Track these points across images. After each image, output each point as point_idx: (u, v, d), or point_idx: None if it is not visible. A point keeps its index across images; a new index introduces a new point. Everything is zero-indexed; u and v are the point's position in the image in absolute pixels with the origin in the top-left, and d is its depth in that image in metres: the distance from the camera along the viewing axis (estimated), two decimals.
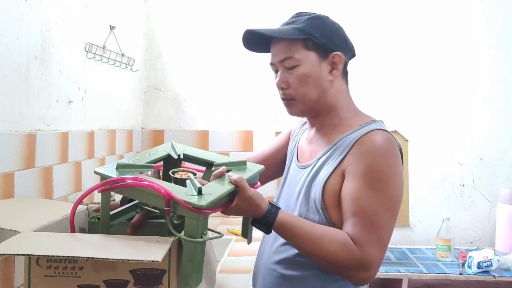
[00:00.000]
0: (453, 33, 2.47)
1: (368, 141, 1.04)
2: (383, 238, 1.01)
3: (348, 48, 1.15)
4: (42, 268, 0.91)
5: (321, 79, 1.11)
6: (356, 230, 0.99)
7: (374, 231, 0.99)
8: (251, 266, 1.60)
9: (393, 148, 1.04)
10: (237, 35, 2.51)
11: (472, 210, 2.47)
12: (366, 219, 0.99)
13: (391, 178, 1.02)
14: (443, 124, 2.48)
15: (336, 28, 1.14)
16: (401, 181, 1.05)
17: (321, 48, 1.10)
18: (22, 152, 1.33)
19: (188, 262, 0.93)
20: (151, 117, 2.53)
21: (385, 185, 1.01)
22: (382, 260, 1.02)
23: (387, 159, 1.02)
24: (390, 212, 1.02)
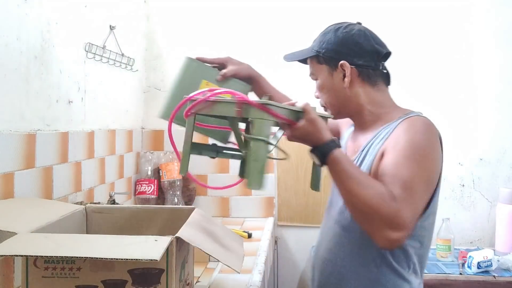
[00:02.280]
0: (453, 33, 2.47)
1: (409, 122, 1.11)
2: (417, 205, 1.02)
3: (362, 52, 1.19)
4: (39, 269, 0.91)
5: (336, 87, 1.21)
6: (394, 188, 0.99)
7: (411, 195, 1.00)
8: (251, 266, 1.60)
9: (434, 130, 1.10)
10: (237, 35, 2.53)
11: (472, 210, 2.47)
12: (403, 183, 1.00)
13: (429, 153, 1.06)
14: (443, 124, 2.47)
15: (343, 38, 1.20)
16: (439, 159, 1.09)
17: (329, 61, 1.21)
18: (22, 152, 1.33)
19: (253, 161, 0.99)
20: (151, 117, 2.53)
21: (423, 158, 1.04)
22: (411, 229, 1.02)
23: (427, 136, 1.07)
24: (426, 184, 1.04)
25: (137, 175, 2.42)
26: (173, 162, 2.39)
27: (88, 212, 1.32)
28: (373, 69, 1.21)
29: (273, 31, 2.50)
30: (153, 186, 2.35)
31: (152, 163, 2.42)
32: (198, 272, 1.51)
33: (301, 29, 2.40)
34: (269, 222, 2.31)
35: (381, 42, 1.23)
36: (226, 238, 1.23)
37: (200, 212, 1.29)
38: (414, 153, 1.04)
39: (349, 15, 2.32)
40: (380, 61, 1.22)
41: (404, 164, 1.02)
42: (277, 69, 2.07)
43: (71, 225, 1.22)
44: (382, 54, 1.21)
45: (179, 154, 1.19)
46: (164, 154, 2.43)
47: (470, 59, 2.47)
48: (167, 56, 2.52)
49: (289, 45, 1.65)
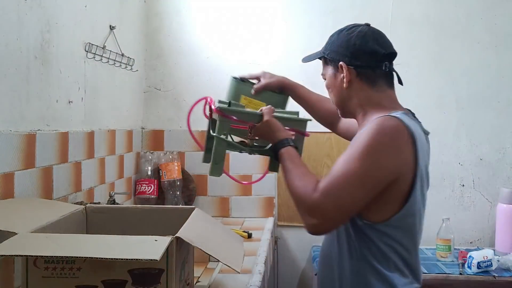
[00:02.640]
0: (453, 33, 2.47)
1: (372, 123, 1.13)
2: (342, 200, 1.08)
3: (359, 53, 1.22)
4: (39, 269, 0.91)
5: (339, 87, 1.26)
6: (323, 182, 1.10)
7: (335, 189, 1.08)
8: (251, 266, 1.60)
9: (390, 132, 1.10)
10: (237, 35, 2.52)
11: (472, 210, 2.47)
12: (334, 177, 1.09)
13: (374, 153, 1.08)
14: (443, 124, 2.48)
15: (343, 40, 1.25)
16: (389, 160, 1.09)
17: (333, 62, 1.26)
18: (22, 152, 1.33)
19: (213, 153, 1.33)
20: (151, 117, 2.53)
21: (365, 157, 1.08)
22: (337, 222, 1.12)
23: (378, 137, 1.09)
24: (360, 184, 1.08)
25: (137, 175, 2.42)
26: (173, 162, 2.39)
27: (88, 212, 1.33)
28: (372, 69, 1.22)
29: (272, 33, 2.50)
30: (153, 186, 2.35)
31: (152, 163, 2.42)
32: (198, 272, 1.51)
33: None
34: (269, 222, 2.31)
35: (384, 43, 1.24)
36: (226, 238, 1.24)
37: (200, 212, 1.29)
38: (357, 151, 1.09)
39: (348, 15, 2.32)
40: (382, 61, 1.22)
41: (343, 161, 1.10)
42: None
43: (71, 225, 1.22)
44: (381, 54, 1.21)
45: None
46: (164, 154, 2.43)
47: (471, 59, 2.47)
48: (167, 56, 2.52)
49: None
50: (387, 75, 1.25)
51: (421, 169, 1.13)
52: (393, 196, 1.12)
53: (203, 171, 2.49)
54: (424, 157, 1.16)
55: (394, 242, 1.14)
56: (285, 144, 1.25)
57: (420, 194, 1.16)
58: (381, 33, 1.26)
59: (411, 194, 1.12)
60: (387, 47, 1.24)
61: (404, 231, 1.16)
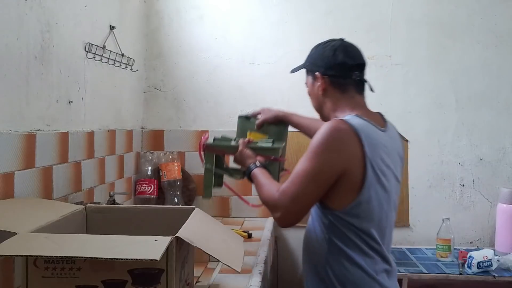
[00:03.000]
0: (453, 33, 2.47)
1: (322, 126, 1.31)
2: (297, 194, 1.28)
3: (332, 64, 1.40)
4: (39, 269, 0.91)
5: (316, 94, 1.45)
6: (285, 183, 1.31)
7: (291, 187, 1.29)
8: (251, 266, 1.60)
9: (333, 133, 1.28)
10: (237, 35, 2.52)
11: (472, 210, 2.47)
12: (291, 178, 1.30)
13: (320, 152, 1.27)
14: (443, 124, 2.48)
15: (322, 52, 1.44)
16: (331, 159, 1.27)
17: (311, 72, 1.46)
18: (22, 152, 1.33)
19: (204, 180, 1.64)
20: (151, 117, 2.54)
21: (313, 158, 1.27)
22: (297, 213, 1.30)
23: (323, 136, 1.28)
24: (311, 178, 1.27)
25: (137, 175, 2.42)
26: (173, 162, 2.39)
27: (88, 212, 1.33)
28: (343, 78, 1.40)
29: (272, 33, 2.51)
30: (153, 186, 2.35)
31: (152, 163, 2.42)
32: (198, 272, 1.51)
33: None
34: (269, 222, 2.31)
35: (354, 55, 1.42)
36: (226, 238, 1.24)
37: (200, 212, 1.29)
38: (309, 153, 1.29)
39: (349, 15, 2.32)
40: (351, 71, 1.40)
41: (299, 163, 1.30)
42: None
43: (71, 225, 1.22)
44: (349, 65, 1.39)
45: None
46: (164, 154, 2.43)
47: (471, 59, 2.47)
48: (167, 56, 2.52)
49: None
50: (357, 83, 1.42)
51: (372, 160, 1.27)
52: (347, 186, 1.27)
53: (203, 171, 2.48)
54: (376, 150, 1.29)
55: (354, 227, 1.29)
56: (253, 168, 1.50)
57: (377, 181, 1.29)
58: (352, 46, 1.44)
59: (364, 183, 1.26)
60: (356, 59, 1.41)
61: (362, 217, 1.29)
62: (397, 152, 1.41)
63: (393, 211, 1.39)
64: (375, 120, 1.39)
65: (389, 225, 1.38)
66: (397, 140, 1.45)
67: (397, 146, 1.43)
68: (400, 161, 1.43)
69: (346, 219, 1.29)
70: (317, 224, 1.37)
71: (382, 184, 1.30)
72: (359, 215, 1.29)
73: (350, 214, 1.28)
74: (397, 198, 1.42)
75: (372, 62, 2.49)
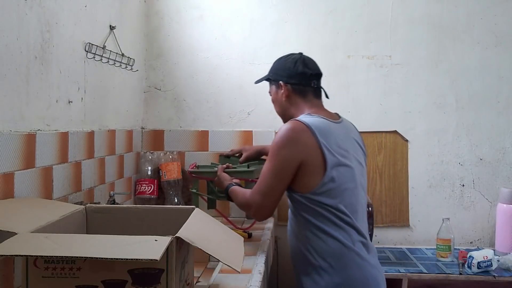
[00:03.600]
0: (453, 33, 2.47)
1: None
2: (265, 190, 1.54)
3: (293, 74, 1.65)
4: (39, 269, 0.91)
5: (280, 100, 1.70)
6: (255, 185, 1.59)
7: (259, 185, 1.56)
8: (251, 266, 1.60)
9: (285, 133, 1.52)
10: (237, 34, 2.52)
11: (472, 210, 2.47)
12: (259, 179, 1.57)
13: (277, 153, 1.52)
14: (443, 124, 2.48)
15: (283, 64, 1.69)
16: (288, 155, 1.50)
17: (274, 81, 1.71)
18: (22, 152, 1.33)
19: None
20: (151, 117, 2.54)
21: (273, 157, 1.53)
22: (268, 206, 1.56)
23: (278, 139, 1.53)
24: (274, 175, 1.52)
25: (137, 175, 2.42)
26: (173, 162, 2.39)
27: (88, 212, 1.33)
28: (303, 86, 1.65)
29: (272, 33, 2.51)
30: (153, 186, 2.35)
31: (152, 163, 2.42)
32: (198, 272, 1.51)
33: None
34: (269, 222, 2.31)
35: (311, 66, 1.67)
36: (226, 238, 1.24)
37: (200, 212, 1.29)
38: (269, 156, 1.55)
39: (348, 15, 2.32)
40: (310, 79, 1.65)
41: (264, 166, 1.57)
42: None
43: (71, 225, 1.22)
44: (308, 74, 1.64)
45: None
46: (164, 154, 2.43)
47: (471, 59, 2.47)
48: (167, 56, 2.52)
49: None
50: (315, 90, 1.67)
51: (327, 146, 1.49)
52: (310, 172, 1.49)
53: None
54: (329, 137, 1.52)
55: (324, 204, 1.49)
56: (229, 187, 1.75)
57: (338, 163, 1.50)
58: (310, 58, 1.69)
59: (326, 165, 1.48)
60: (314, 69, 1.67)
61: (329, 195, 1.50)
62: (355, 140, 1.64)
63: (361, 191, 1.59)
64: (330, 116, 1.62)
65: (359, 203, 1.57)
66: (353, 130, 1.69)
67: (354, 135, 1.65)
68: (360, 148, 1.65)
69: (315, 198, 1.50)
70: (293, 211, 1.59)
71: (345, 164, 1.52)
72: (326, 193, 1.49)
73: (318, 193, 1.49)
74: (364, 181, 1.64)
75: (372, 62, 2.50)
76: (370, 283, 1.50)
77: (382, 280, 1.57)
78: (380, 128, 2.49)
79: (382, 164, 2.49)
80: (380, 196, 2.49)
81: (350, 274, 1.48)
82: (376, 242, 2.45)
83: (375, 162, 2.49)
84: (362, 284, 1.49)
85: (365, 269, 1.50)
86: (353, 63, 2.49)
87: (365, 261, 1.51)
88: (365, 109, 2.49)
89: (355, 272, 1.49)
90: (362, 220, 1.58)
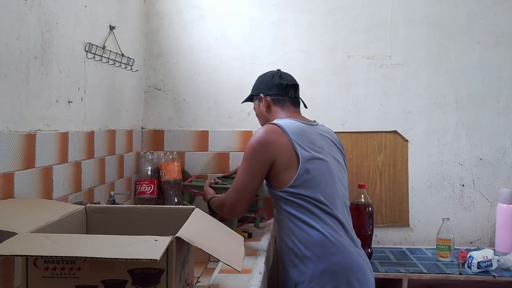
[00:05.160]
0: (453, 33, 2.47)
1: None
2: (238, 188, 1.67)
3: (271, 86, 1.82)
4: (39, 269, 0.91)
5: (262, 112, 1.86)
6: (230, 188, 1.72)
7: (234, 184, 1.69)
8: (251, 266, 1.60)
9: (259, 135, 1.65)
10: (237, 34, 2.52)
11: (472, 210, 2.47)
12: (233, 181, 1.70)
13: (250, 155, 1.65)
14: (443, 124, 2.48)
15: (262, 79, 1.88)
16: (260, 156, 1.63)
17: (256, 96, 1.88)
18: (22, 152, 1.33)
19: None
20: (151, 117, 2.54)
21: (247, 158, 1.67)
22: (241, 202, 1.67)
23: (251, 142, 1.66)
24: (246, 175, 1.65)
25: (137, 175, 2.42)
26: (173, 162, 2.39)
27: (88, 212, 1.33)
28: (282, 96, 1.81)
29: (272, 33, 2.51)
30: (153, 186, 2.35)
31: (152, 163, 2.42)
32: (198, 272, 1.51)
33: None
34: (269, 222, 2.31)
35: (287, 78, 1.84)
36: (226, 238, 1.24)
37: (200, 212, 1.29)
38: (243, 159, 1.68)
39: (348, 15, 2.31)
40: (287, 90, 1.80)
41: (239, 168, 1.70)
42: None
43: (71, 225, 1.22)
44: (284, 85, 1.80)
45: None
46: (164, 154, 2.43)
47: (471, 59, 2.47)
48: (167, 56, 2.52)
49: None
50: (293, 100, 1.82)
51: (299, 142, 1.61)
52: (285, 168, 1.61)
53: (203, 171, 2.49)
54: (301, 135, 1.64)
55: (303, 196, 1.59)
56: (210, 200, 1.85)
57: (310, 157, 1.61)
58: (287, 73, 1.86)
59: (299, 159, 1.59)
60: (290, 81, 1.83)
61: (307, 186, 1.59)
62: (331, 140, 1.74)
63: (339, 185, 1.68)
64: (305, 120, 1.75)
65: (338, 196, 1.65)
66: (329, 133, 1.79)
67: (330, 136, 1.76)
68: (337, 148, 1.75)
69: (294, 191, 1.59)
70: (277, 206, 1.69)
71: (319, 158, 1.62)
72: (303, 185, 1.59)
73: (296, 186, 1.59)
74: (343, 178, 1.73)
75: (372, 62, 2.50)
76: (355, 269, 1.56)
77: (369, 268, 1.64)
78: (380, 128, 2.49)
79: (382, 164, 2.49)
80: (380, 196, 2.49)
81: (334, 261, 1.55)
82: (376, 242, 2.45)
83: (375, 162, 2.49)
84: (346, 270, 1.55)
85: (349, 256, 1.56)
86: (353, 63, 2.49)
87: (347, 249, 1.58)
88: (365, 109, 2.49)
89: (339, 259, 1.55)
90: (343, 212, 1.65)
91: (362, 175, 2.47)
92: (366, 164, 2.49)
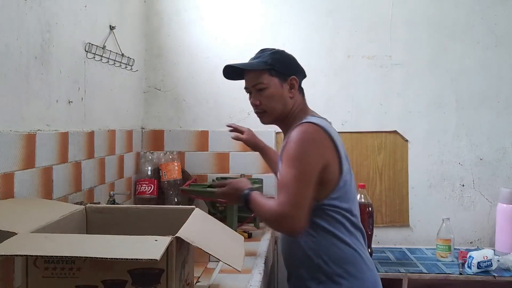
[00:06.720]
0: (453, 33, 2.47)
1: (293, 132, 1.45)
2: (295, 199, 1.37)
3: (300, 72, 1.58)
4: (39, 269, 0.91)
5: (283, 96, 1.54)
6: (280, 195, 1.40)
7: (287, 195, 1.37)
8: (251, 266, 1.60)
9: (307, 136, 1.42)
10: (237, 34, 2.52)
11: (472, 210, 2.47)
12: (283, 188, 1.39)
13: (302, 158, 1.40)
14: (443, 124, 2.48)
15: (290, 59, 1.58)
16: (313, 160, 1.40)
17: (281, 74, 1.53)
18: (22, 152, 1.33)
19: None
20: (151, 117, 2.54)
21: (297, 163, 1.39)
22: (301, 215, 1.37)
23: (299, 144, 1.41)
24: (302, 182, 1.38)
25: (137, 175, 2.42)
26: (173, 162, 2.39)
27: (88, 212, 1.33)
28: (301, 82, 1.58)
29: (272, 33, 2.51)
30: (153, 186, 2.35)
31: (152, 163, 2.42)
32: (198, 272, 1.51)
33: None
34: None
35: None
36: (226, 238, 1.24)
37: (200, 212, 1.29)
38: (291, 161, 1.40)
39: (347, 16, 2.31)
40: (304, 76, 1.60)
41: (285, 173, 1.41)
42: None
43: (71, 225, 1.22)
44: (305, 75, 1.60)
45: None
46: (164, 154, 2.43)
47: (471, 59, 2.47)
48: (167, 56, 2.52)
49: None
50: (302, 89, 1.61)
51: (341, 151, 1.45)
52: (329, 177, 1.42)
53: (203, 171, 2.49)
54: (340, 142, 1.48)
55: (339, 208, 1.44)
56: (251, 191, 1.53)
57: (348, 168, 1.48)
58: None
59: (342, 170, 1.44)
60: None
61: (344, 198, 1.46)
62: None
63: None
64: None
65: (356, 205, 1.55)
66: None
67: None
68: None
69: (332, 203, 1.44)
70: None
71: (350, 167, 1.51)
72: (341, 197, 1.45)
73: (334, 198, 1.44)
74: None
75: (372, 62, 2.50)
76: (378, 283, 1.52)
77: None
78: (380, 128, 2.49)
79: (382, 164, 2.49)
80: (380, 196, 2.49)
81: (364, 278, 1.47)
82: (376, 242, 2.45)
83: (375, 162, 2.49)
84: (376, 285, 1.51)
85: (374, 271, 1.51)
86: (353, 63, 2.49)
87: (372, 264, 1.53)
88: (365, 109, 2.49)
89: (368, 276, 1.48)
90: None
91: (362, 175, 2.47)
92: (366, 164, 2.49)
